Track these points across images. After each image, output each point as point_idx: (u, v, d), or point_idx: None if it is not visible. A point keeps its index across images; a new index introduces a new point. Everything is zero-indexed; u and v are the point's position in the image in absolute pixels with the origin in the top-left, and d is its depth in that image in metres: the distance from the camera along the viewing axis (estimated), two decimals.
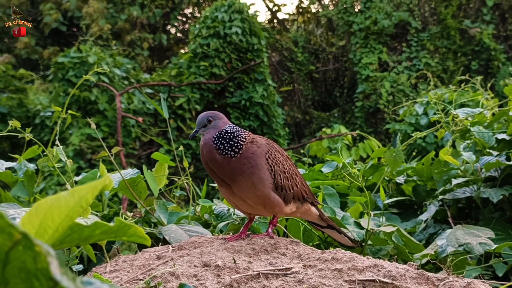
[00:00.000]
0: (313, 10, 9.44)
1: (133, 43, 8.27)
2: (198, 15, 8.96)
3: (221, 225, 1.23)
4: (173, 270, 0.84)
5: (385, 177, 1.78)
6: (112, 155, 1.14)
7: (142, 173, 1.23)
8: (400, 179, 1.83)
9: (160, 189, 1.28)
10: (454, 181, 1.55)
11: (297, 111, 8.64)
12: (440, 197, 1.60)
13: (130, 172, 1.25)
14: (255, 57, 6.40)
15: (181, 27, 9.18)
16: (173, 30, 9.15)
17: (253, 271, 0.83)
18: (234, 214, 1.24)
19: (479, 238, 1.13)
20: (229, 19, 6.32)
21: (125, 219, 1.09)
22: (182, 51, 8.64)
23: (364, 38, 7.99)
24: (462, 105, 2.53)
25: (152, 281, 0.82)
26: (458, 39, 7.88)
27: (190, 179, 1.30)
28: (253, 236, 0.98)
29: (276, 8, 9.47)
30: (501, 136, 1.61)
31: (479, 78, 2.86)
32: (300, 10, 9.43)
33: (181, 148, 1.27)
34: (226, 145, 0.92)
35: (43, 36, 8.50)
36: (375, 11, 7.91)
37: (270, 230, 1.00)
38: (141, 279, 0.85)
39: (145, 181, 1.22)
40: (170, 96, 5.88)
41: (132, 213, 1.17)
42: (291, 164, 1.02)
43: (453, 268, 1.04)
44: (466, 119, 1.68)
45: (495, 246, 1.13)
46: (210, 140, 0.93)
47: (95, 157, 1.26)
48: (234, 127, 0.96)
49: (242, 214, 1.20)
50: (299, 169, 1.22)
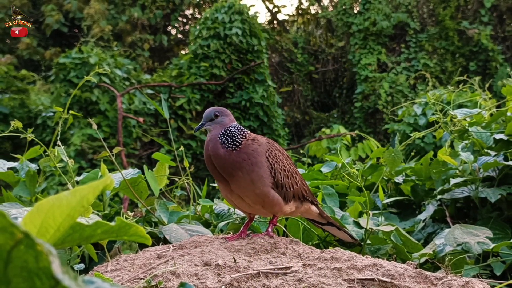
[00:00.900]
0: (313, 12, 9.46)
1: (134, 44, 8.28)
2: (199, 16, 8.98)
3: (221, 224, 1.24)
4: (173, 269, 0.85)
5: (384, 177, 1.78)
6: (113, 155, 1.15)
7: (143, 173, 1.23)
8: (399, 179, 1.84)
9: (160, 189, 1.29)
10: (453, 181, 1.55)
11: (297, 112, 8.65)
12: (439, 196, 1.61)
13: (131, 172, 1.26)
14: (255, 58, 6.41)
15: (181, 28, 9.19)
16: (173, 31, 9.16)
17: (253, 270, 0.84)
18: (234, 213, 1.25)
19: (477, 237, 1.14)
20: (229, 20, 6.33)
21: (126, 218, 1.09)
22: (183, 52, 8.66)
23: (363, 39, 8.01)
24: (460, 106, 2.55)
25: (153, 280, 0.83)
26: (456, 40, 7.91)
27: (191, 179, 1.31)
28: (253, 236, 0.98)
29: (276, 9, 9.50)
30: (499, 136, 1.62)
31: (477, 78, 2.87)
32: (300, 12, 9.46)
33: (182, 148, 1.28)
34: (229, 139, 0.96)
35: (45, 37, 8.50)
36: (374, 13, 7.93)
37: (270, 229, 1.01)
38: (142, 278, 0.85)
39: (146, 181, 1.23)
40: (171, 96, 5.88)
41: (133, 213, 1.18)
42: (291, 163, 1.03)
43: (451, 267, 1.05)
44: (464, 119, 1.69)
45: (493, 245, 1.14)
46: (216, 137, 0.96)
47: (96, 157, 1.27)
48: (238, 125, 0.99)
49: (242, 214, 1.21)
50: (299, 169, 1.23)
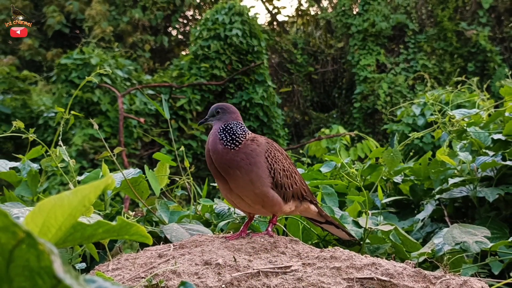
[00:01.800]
0: (312, 13, 9.49)
1: (135, 45, 8.30)
2: (199, 17, 9.00)
3: (221, 224, 1.24)
4: (174, 268, 0.85)
5: (383, 177, 1.79)
6: (114, 155, 1.16)
7: (144, 173, 1.24)
8: (398, 179, 1.84)
9: (161, 189, 1.29)
10: (451, 181, 1.56)
11: (297, 112, 8.66)
12: (437, 196, 1.62)
13: (132, 172, 1.26)
14: (255, 58, 6.43)
15: (182, 29, 9.22)
16: (174, 32, 9.19)
17: (253, 269, 0.84)
18: (234, 213, 1.25)
19: (476, 236, 1.14)
20: (230, 22, 6.35)
21: (127, 218, 1.10)
22: (183, 53, 8.68)
23: (362, 40, 8.04)
24: (459, 106, 2.56)
25: (154, 279, 0.83)
26: (454, 41, 7.94)
27: (191, 178, 1.31)
28: (253, 235, 0.99)
29: (275, 10, 9.52)
30: (497, 136, 1.63)
31: (475, 79, 2.88)
32: (299, 13, 9.48)
33: (182, 148, 1.28)
34: (228, 137, 0.96)
35: (47, 38, 8.52)
36: (373, 14, 7.96)
37: (269, 229, 1.01)
38: (143, 277, 0.85)
39: (147, 180, 1.23)
40: (172, 97, 5.90)
41: (134, 212, 1.18)
42: (290, 163, 1.03)
43: (449, 266, 1.05)
44: (463, 119, 1.70)
45: (491, 244, 1.14)
46: (216, 131, 0.98)
47: (98, 157, 1.27)
48: (238, 123, 1.00)
49: (242, 213, 1.21)
50: (298, 169, 1.24)
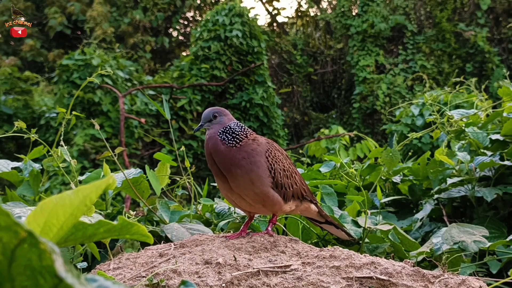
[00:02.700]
0: (312, 14, 9.52)
1: (136, 46, 8.33)
2: (200, 18, 9.03)
3: (222, 223, 1.24)
4: (175, 268, 0.86)
5: (382, 177, 1.80)
6: (115, 155, 1.16)
7: (145, 173, 1.24)
8: (397, 179, 1.85)
9: (162, 189, 1.29)
10: (449, 181, 1.57)
11: (296, 112, 8.68)
12: (436, 196, 1.62)
13: (133, 172, 1.27)
14: (255, 59, 6.45)
15: (182, 30, 9.25)
16: (175, 33, 9.22)
17: (253, 268, 0.84)
18: (234, 213, 1.26)
19: (474, 236, 1.15)
20: (230, 23, 6.37)
21: (128, 217, 1.10)
22: (184, 53, 8.71)
23: (361, 41, 8.07)
24: (457, 107, 2.58)
25: (155, 278, 0.84)
26: (453, 42, 7.97)
27: (192, 178, 1.32)
28: (253, 234, 0.99)
29: (275, 11, 9.55)
30: (495, 136, 1.64)
31: (474, 80, 2.89)
32: (299, 14, 9.51)
33: (183, 148, 1.29)
34: (229, 136, 0.97)
35: (48, 39, 8.57)
36: (372, 15, 7.99)
37: (269, 228, 1.02)
38: (144, 276, 0.86)
39: (148, 180, 1.24)
40: (172, 97, 5.91)
41: (135, 212, 1.18)
42: (290, 163, 1.04)
43: (448, 266, 1.06)
44: (461, 120, 1.71)
45: (489, 244, 1.15)
46: (216, 134, 0.97)
47: (99, 157, 1.28)
48: (238, 123, 1.00)
49: (243, 213, 1.22)
50: (298, 169, 1.24)
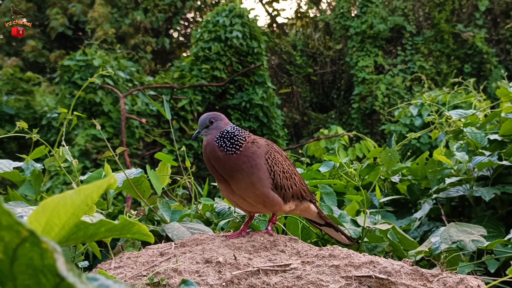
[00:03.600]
0: (311, 15, 9.55)
1: (136, 47, 8.36)
2: (200, 19, 9.06)
3: (222, 223, 1.25)
4: (175, 267, 0.86)
5: (381, 177, 1.81)
6: (116, 155, 1.17)
7: (146, 173, 1.25)
8: (395, 178, 1.86)
9: (163, 188, 1.29)
10: (448, 180, 1.58)
11: (296, 113, 8.70)
12: (434, 195, 1.63)
13: (134, 172, 1.27)
14: (255, 60, 6.47)
15: (183, 31, 9.27)
16: (175, 34, 9.24)
17: (253, 267, 0.85)
18: (234, 212, 1.26)
19: (472, 235, 1.16)
20: (230, 24, 6.39)
21: (129, 217, 1.11)
22: (184, 54, 8.73)
23: (361, 42, 8.09)
24: (455, 107, 2.58)
25: (156, 277, 0.84)
26: (451, 43, 8.01)
27: (192, 178, 1.32)
28: (253, 234, 1.00)
29: (275, 13, 9.57)
30: (493, 136, 1.65)
31: (472, 80, 2.90)
32: (299, 15, 9.53)
33: (183, 148, 1.29)
34: (228, 143, 0.95)
35: (50, 40, 8.60)
36: (371, 16, 8.02)
37: (269, 227, 1.02)
38: (144, 275, 0.86)
39: (149, 180, 1.24)
40: (173, 98, 5.93)
41: (136, 211, 1.19)
42: (290, 164, 1.04)
43: (446, 265, 1.07)
44: (459, 120, 1.72)
45: (487, 243, 1.16)
46: (213, 140, 0.96)
47: (100, 157, 1.28)
48: (235, 127, 0.99)
49: (243, 212, 1.23)
50: (298, 169, 1.25)
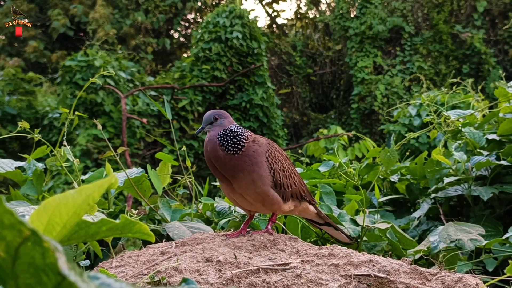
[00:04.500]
0: (311, 16, 9.57)
1: (137, 47, 8.38)
2: (200, 20, 9.08)
3: (222, 222, 1.25)
4: (176, 265, 0.86)
5: (380, 176, 1.82)
6: (117, 155, 1.17)
7: (147, 172, 1.25)
8: (394, 178, 1.87)
9: (163, 188, 1.30)
10: (446, 180, 1.58)
11: (296, 113, 8.72)
12: (433, 195, 1.64)
13: (135, 171, 1.28)
14: (255, 60, 6.48)
15: (184, 32, 9.28)
16: (176, 35, 9.26)
17: (253, 266, 0.86)
18: (235, 211, 1.27)
19: (470, 234, 1.16)
20: (230, 24, 6.41)
21: (130, 216, 1.11)
22: (185, 55, 8.75)
23: (360, 43, 8.11)
24: (454, 107, 2.60)
25: (156, 276, 0.85)
26: (450, 44, 8.03)
27: (193, 178, 1.33)
28: (253, 233, 1.01)
29: (275, 13, 9.59)
30: (491, 136, 1.65)
31: (470, 81, 2.91)
32: (298, 16, 9.55)
33: (184, 148, 1.30)
34: (230, 142, 0.95)
35: (51, 40, 8.62)
36: (370, 17, 8.04)
37: (269, 227, 1.03)
38: (145, 274, 0.87)
39: (149, 180, 1.25)
40: (173, 98, 5.95)
41: (137, 211, 1.20)
42: (289, 163, 1.04)
43: (445, 263, 1.08)
44: (458, 120, 1.73)
45: (486, 242, 1.16)
46: (215, 137, 0.96)
47: (101, 157, 1.29)
48: (238, 126, 0.99)
49: (243, 212, 1.23)
50: (297, 169, 1.26)
